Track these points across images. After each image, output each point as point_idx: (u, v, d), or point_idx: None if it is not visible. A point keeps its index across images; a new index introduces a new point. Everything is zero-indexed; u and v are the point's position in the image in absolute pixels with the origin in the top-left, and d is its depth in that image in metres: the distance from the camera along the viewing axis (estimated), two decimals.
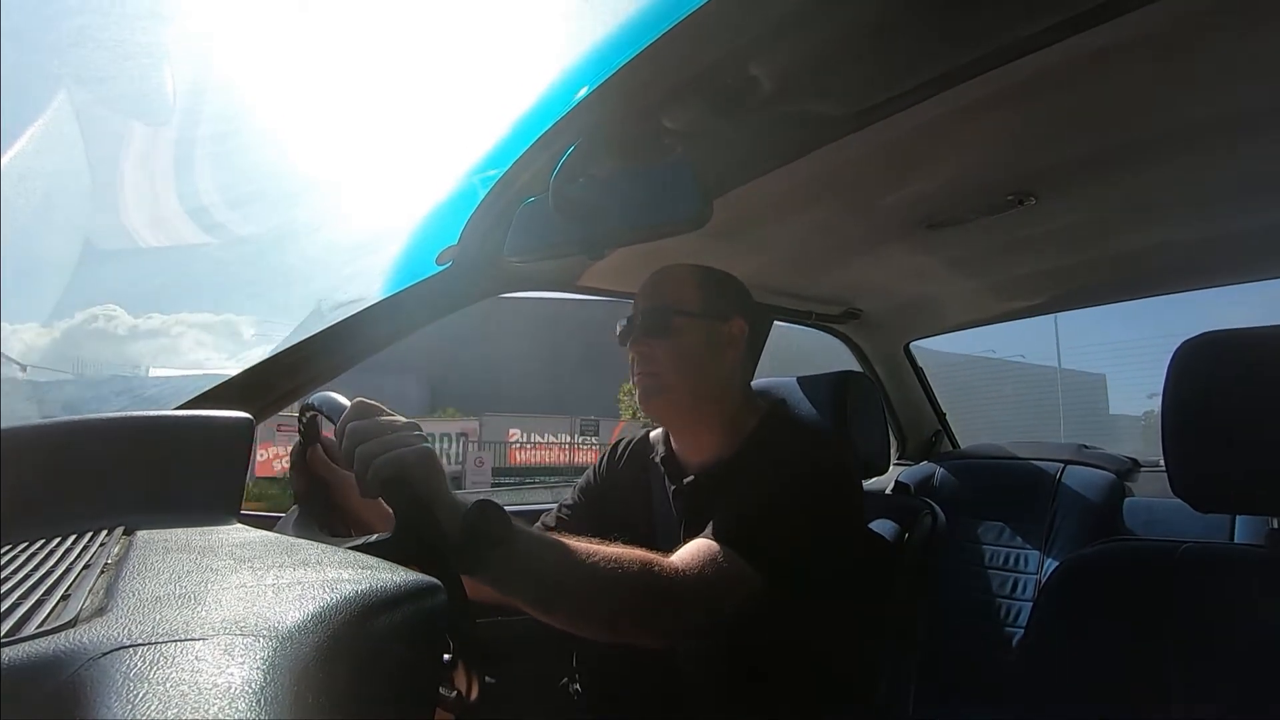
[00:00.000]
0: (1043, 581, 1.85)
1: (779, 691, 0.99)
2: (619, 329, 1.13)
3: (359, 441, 0.69)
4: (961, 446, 2.51)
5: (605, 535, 0.88)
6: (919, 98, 0.93)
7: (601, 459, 1.28)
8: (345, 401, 0.83)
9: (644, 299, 1.10)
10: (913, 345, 2.37)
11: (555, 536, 0.78)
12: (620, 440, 1.27)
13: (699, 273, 1.11)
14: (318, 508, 0.92)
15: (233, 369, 1.07)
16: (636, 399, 1.10)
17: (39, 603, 0.38)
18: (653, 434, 1.23)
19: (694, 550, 0.87)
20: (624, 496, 1.19)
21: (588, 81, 0.87)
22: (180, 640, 0.32)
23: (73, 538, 0.51)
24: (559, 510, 1.23)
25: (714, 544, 0.87)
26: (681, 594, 0.81)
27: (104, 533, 0.52)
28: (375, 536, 0.68)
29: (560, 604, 0.77)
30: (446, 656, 0.63)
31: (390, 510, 0.70)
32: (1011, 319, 2.18)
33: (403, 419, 0.73)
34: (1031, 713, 0.84)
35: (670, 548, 1.07)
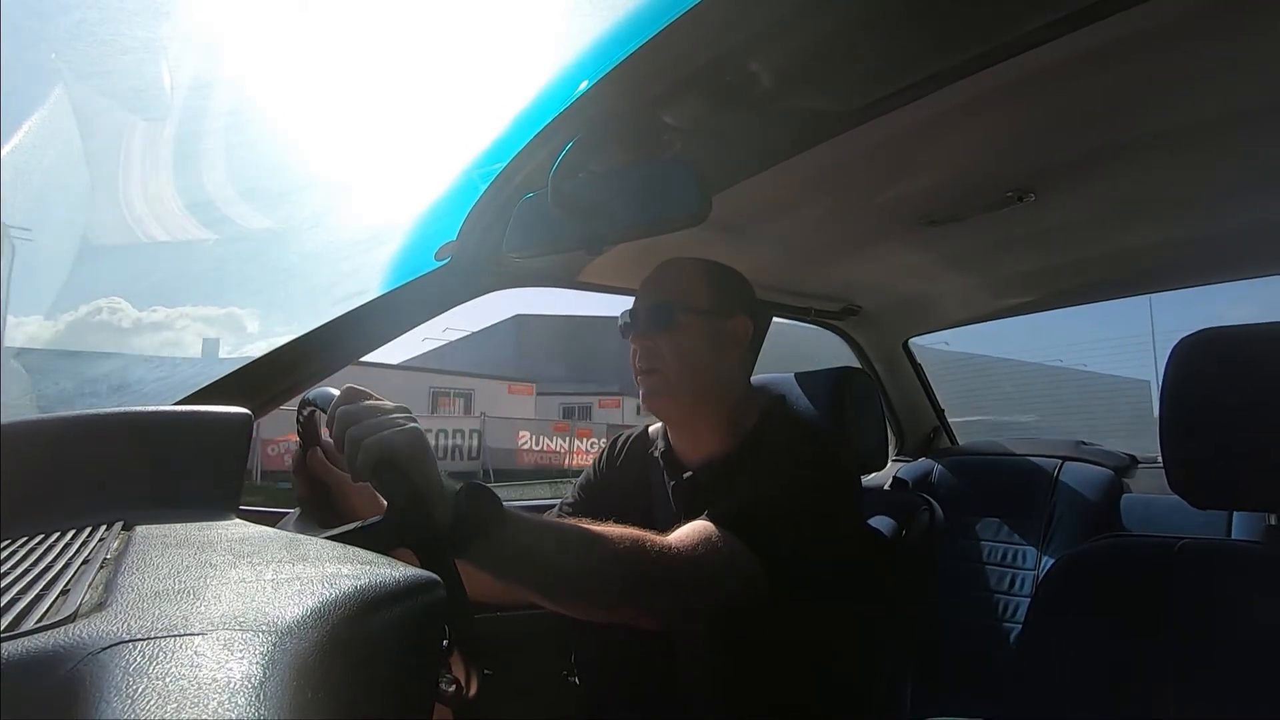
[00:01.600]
0: (1040, 577, 1.85)
1: (777, 685, 0.99)
2: (620, 323, 1.12)
3: (348, 425, 0.70)
4: (960, 443, 2.52)
5: (598, 515, 0.88)
6: (918, 94, 0.93)
7: (601, 455, 1.27)
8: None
9: (648, 293, 1.09)
10: (977, 350, 2.36)
11: (546, 519, 0.78)
12: (619, 436, 1.27)
13: (705, 268, 1.11)
14: (319, 510, 0.93)
15: (232, 364, 1.07)
16: (641, 392, 1.09)
17: (38, 598, 0.38)
18: (651, 429, 1.23)
19: (689, 530, 0.86)
20: (624, 492, 1.19)
21: (587, 76, 0.87)
22: (179, 635, 0.32)
23: (71, 533, 0.52)
24: (560, 509, 1.23)
25: (710, 525, 0.86)
26: (676, 573, 0.81)
27: (103, 528, 0.52)
28: (367, 521, 0.68)
29: (554, 585, 0.77)
30: (444, 643, 0.63)
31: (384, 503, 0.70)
32: (1011, 315, 2.18)
33: (391, 404, 0.73)
34: (1029, 708, 0.84)
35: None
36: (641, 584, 0.79)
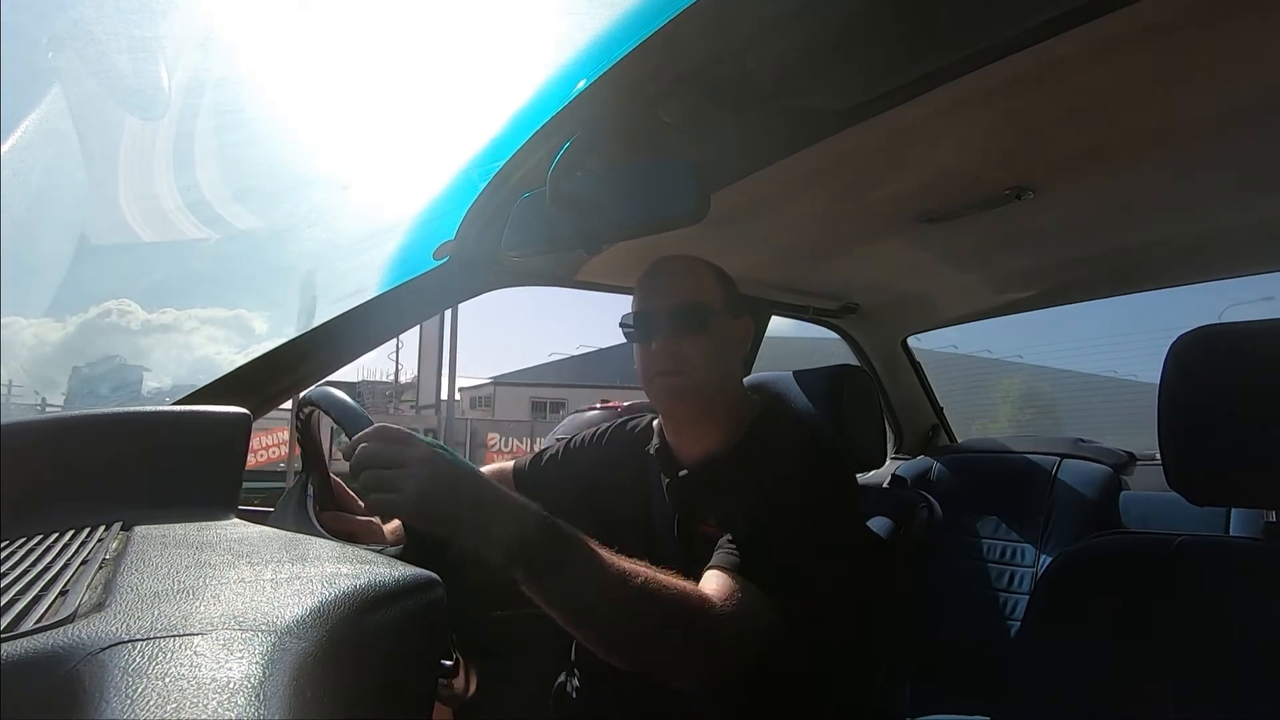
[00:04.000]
0: (1039, 575, 1.85)
1: (776, 686, 0.99)
2: (625, 323, 1.11)
3: (362, 468, 0.68)
4: (958, 440, 2.52)
5: (590, 506, 0.93)
6: (917, 91, 0.93)
7: (607, 428, 1.29)
8: (344, 397, 0.83)
9: (670, 294, 1.07)
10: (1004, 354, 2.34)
11: (607, 557, 0.75)
12: (629, 419, 1.28)
13: (713, 269, 1.11)
14: (319, 481, 0.94)
15: (231, 364, 1.07)
16: (656, 396, 1.09)
17: (37, 598, 0.38)
18: (655, 422, 1.23)
19: (719, 588, 0.86)
20: (618, 478, 1.20)
21: (585, 74, 0.87)
22: (178, 635, 0.32)
23: (71, 533, 0.52)
24: (545, 453, 1.27)
25: (734, 579, 0.87)
26: (720, 635, 0.81)
27: (102, 528, 0.52)
28: (384, 549, 0.69)
29: (599, 634, 0.77)
30: (448, 662, 0.64)
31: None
32: (1009, 313, 2.19)
33: (426, 443, 0.71)
34: (1027, 706, 0.84)
35: (664, 536, 1.08)
36: (687, 645, 0.80)
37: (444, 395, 16.34)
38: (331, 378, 1.14)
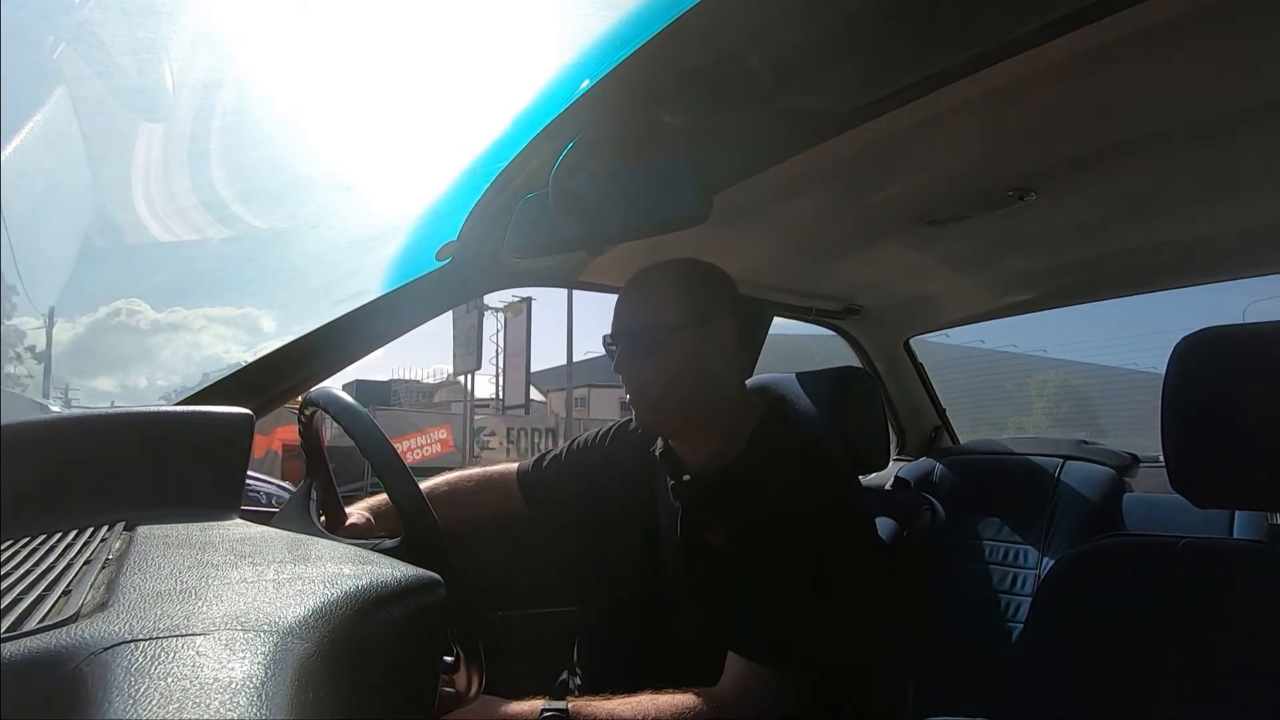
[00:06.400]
0: (1042, 577, 1.85)
1: None
2: (605, 342, 1.10)
3: None
4: (961, 442, 2.51)
5: (594, 506, 1.00)
6: (919, 93, 0.92)
7: (611, 428, 1.29)
8: (346, 397, 0.84)
9: (623, 317, 1.07)
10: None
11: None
12: (632, 420, 1.29)
13: (678, 278, 1.07)
14: (321, 483, 0.95)
15: (233, 364, 1.07)
16: (634, 417, 1.10)
17: (40, 598, 0.38)
18: None
19: (738, 685, 0.91)
20: (623, 479, 1.20)
21: (588, 75, 0.87)
22: (181, 635, 0.32)
23: (74, 533, 0.52)
24: (551, 453, 1.29)
25: (750, 672, 0.91)
26: None
27: (105, 528, 0.53)
28: (386, 543, 0.69)
29: None
30: (449, 659, 0.64)
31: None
32: (1012, 314, 2.18)
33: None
34: (1030, 708, 0.84)
35: (668, 538, 1.08)
36: None
37: (534, 396, 17.84)
38: (363, 378, 1.16)
